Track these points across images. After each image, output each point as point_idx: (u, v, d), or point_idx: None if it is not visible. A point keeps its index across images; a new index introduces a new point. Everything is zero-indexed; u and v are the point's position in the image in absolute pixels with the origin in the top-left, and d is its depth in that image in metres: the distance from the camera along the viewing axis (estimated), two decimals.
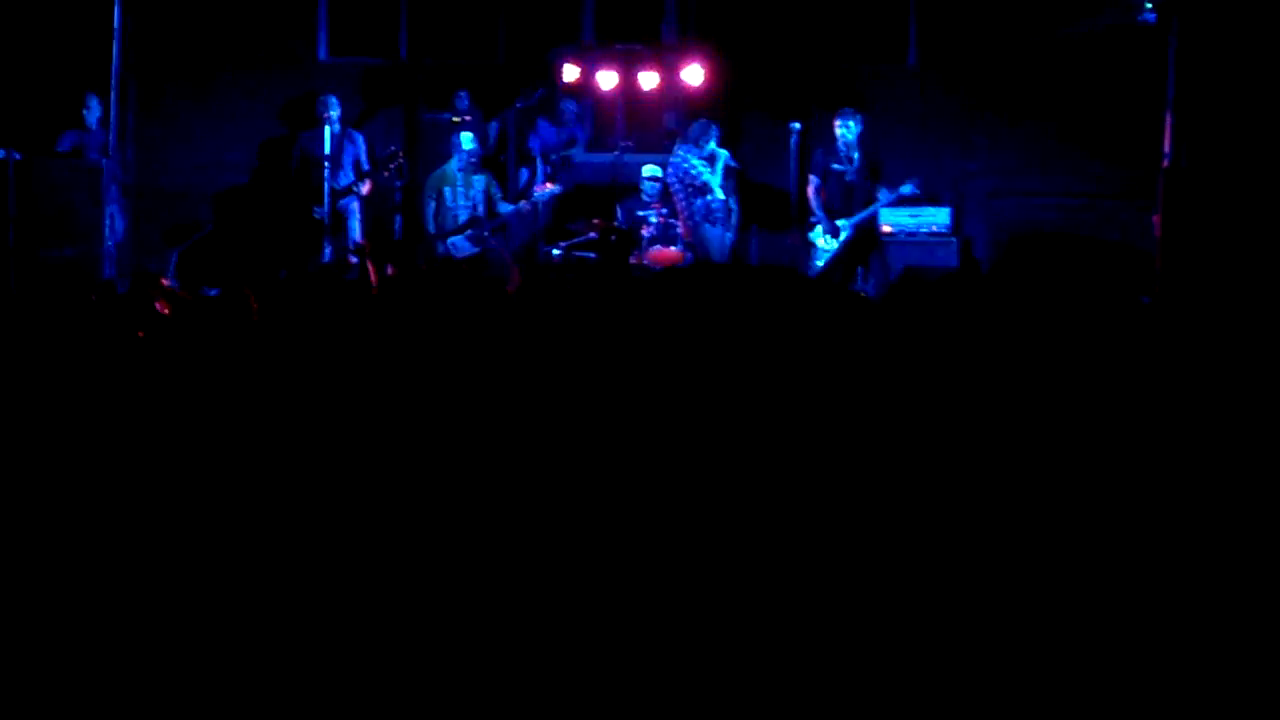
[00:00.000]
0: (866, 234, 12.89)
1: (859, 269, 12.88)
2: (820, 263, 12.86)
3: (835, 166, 12.86)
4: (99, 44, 12.86)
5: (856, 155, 12.80)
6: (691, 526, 2.27)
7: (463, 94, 14.24)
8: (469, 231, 13.49)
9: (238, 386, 3.39)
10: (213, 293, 10.11)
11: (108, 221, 12.47)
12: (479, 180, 13.56)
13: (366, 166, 13.65)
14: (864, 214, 12.83)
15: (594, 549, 2.30)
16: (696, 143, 13.37)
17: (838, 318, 2.61)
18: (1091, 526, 2.26)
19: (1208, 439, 2.40)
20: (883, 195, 12.83)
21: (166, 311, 6.77)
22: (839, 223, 12.84)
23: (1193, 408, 2.44)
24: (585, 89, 14.67)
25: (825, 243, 12.94)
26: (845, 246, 12.84)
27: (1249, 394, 2.68)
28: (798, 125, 13.15)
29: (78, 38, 13.37)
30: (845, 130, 12.81)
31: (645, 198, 13.89)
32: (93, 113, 13.36)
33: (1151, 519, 2.26)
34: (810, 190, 12.96)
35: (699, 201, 13.41)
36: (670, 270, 13.08)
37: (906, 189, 12.74)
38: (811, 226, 13.04)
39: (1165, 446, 2.36)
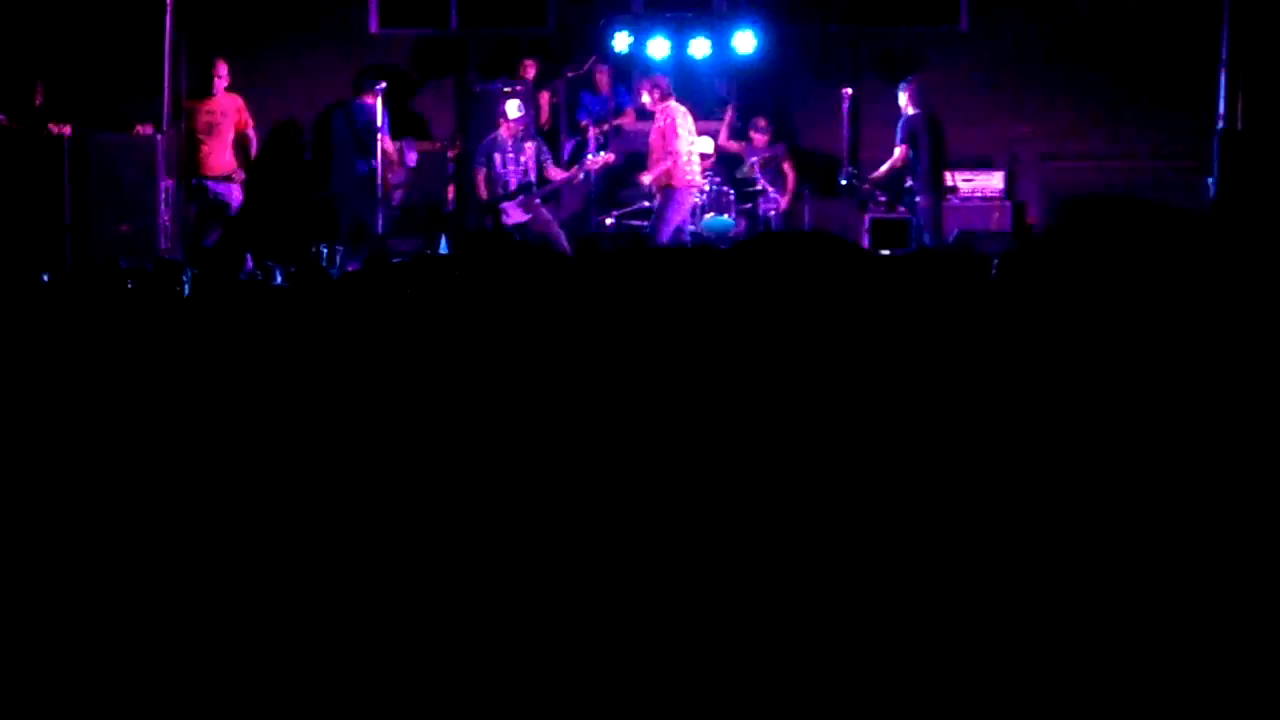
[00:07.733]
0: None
1: None
2: None
3: None
4: (151, 17, 12.89)
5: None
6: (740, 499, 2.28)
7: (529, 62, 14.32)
8: (520, 197, 13.49)
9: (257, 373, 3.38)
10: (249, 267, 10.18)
11: (162, 196, 12.52)
12: (530, 146, 13.55)
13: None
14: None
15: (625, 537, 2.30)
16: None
17: (884, 286, 2.61)
18: (1137, 505, 2.25)
19: (1263, 410, 2.38)
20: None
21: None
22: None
23: (1249, 374, 2.43)
24: (636, 58, 14.63)
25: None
26: None
27: None
28: (849, 91, 13.07)
29: (129, 11, 13.38)
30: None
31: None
32: (222, 80, 13.34)
33: (1199, 497, 2.25)
34: None
35: None
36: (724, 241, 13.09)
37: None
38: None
39: (1220, 417, 2.34)
